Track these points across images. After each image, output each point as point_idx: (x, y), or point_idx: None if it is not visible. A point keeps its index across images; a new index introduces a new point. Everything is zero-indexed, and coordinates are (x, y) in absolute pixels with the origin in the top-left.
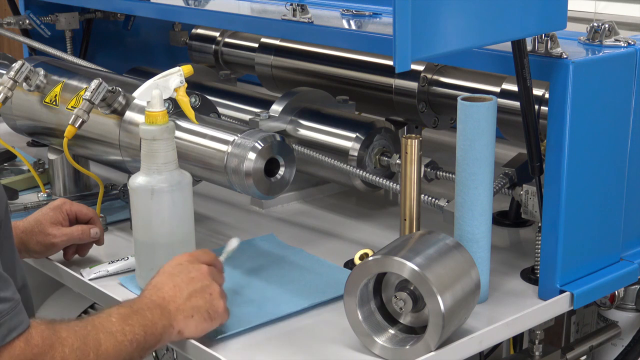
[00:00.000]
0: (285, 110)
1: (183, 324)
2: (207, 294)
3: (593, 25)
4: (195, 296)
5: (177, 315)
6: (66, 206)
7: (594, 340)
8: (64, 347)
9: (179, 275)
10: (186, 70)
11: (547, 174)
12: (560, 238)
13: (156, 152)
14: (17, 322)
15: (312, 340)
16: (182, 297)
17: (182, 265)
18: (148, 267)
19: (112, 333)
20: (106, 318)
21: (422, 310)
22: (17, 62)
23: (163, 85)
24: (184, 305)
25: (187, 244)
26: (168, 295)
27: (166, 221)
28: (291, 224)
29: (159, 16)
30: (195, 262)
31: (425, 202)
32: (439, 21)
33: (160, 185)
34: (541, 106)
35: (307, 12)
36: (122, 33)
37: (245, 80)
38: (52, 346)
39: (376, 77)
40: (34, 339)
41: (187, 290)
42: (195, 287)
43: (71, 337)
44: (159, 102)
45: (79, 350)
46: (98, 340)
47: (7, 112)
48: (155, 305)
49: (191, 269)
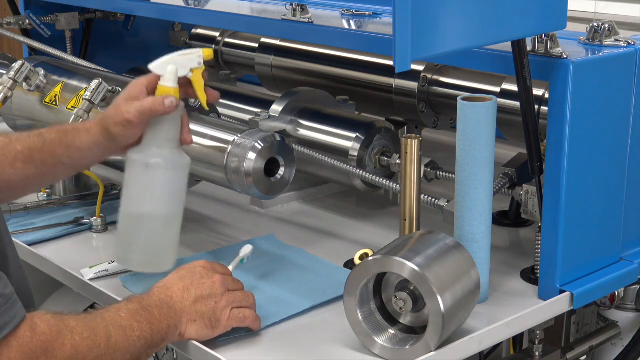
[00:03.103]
0: (285, 110)
1: (185, 326)
2: (212, 302)
3: (593, 25)
4: (201, 302)
5: (182, 316)
6: (141, 79)
7: (594, 340)
8: (74, 334)
9: (190, 278)
10: (206, 54)
11: (547, 174)
12: (560, 238)
13: (160, 126)
14: (11, 316)
15: (312, 340)
16: (188, 300)
17: (195, 270)
18: (128, 241)
19: (122, 327)
20: (115, 313)
21: (422, 310)
22: (17, 62)
23: (180, 62)
24: (189, 308)
25: (171, 224)
26: (176, 295)
27: (155, 197)
28: (291, 224)
29: (159, 16)
30: (210, 270)
31: (425, 202)
32: (439, 21)
33: (156, 160)
34: (541, 106)
35: (307, 12)
36: (122, 33)
37: (245, 80)
38: (60, 333)
39: (376, 77)
40: (39, 328)
41: (194, 294)
42: (203, 292)
43: (80, 326)
44: (172, 78)
45: (89, 340)
46: (108, 332)
47: (7, 112)
48: (163, 304)
49: (203, 274)
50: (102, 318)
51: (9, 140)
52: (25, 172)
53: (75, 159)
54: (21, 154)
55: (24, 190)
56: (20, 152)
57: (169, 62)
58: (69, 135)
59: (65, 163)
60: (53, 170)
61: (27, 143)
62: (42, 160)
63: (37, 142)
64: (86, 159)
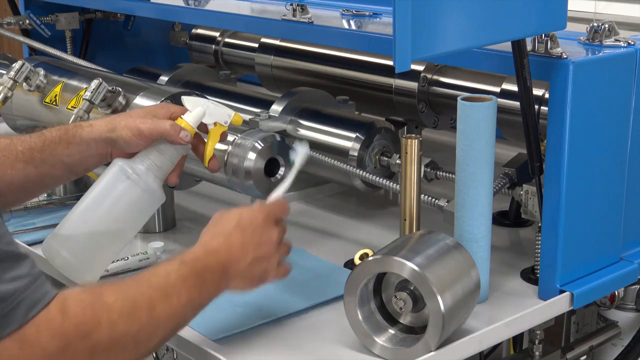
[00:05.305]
0: (285, 110)
1: (234, 285)
2: (265, 263)
3: (593, 25)
4: (256, 263)
5: (235, 278)
6: (170, 105)
7: (594, 340)
8: (111, 312)
9: (251, 235)
10: (236, 117)
11: (547, 174)
12: (560, 238)
13: (159, 153)
14: (40, 296)
15: (312, 340)
16: (245, 262)
17: (257, 222)
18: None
19: (169, 295)
20: (164, 278)
21: (422, 310)
22: (17, 62)
23: (211, 110)
24: (244, 270)
25: (115, 242)
26: (234, 256)
27: (116, 209)
28: (291, 224)
29: (159, 16)
30: (271, 225)
31: (425, 202)
32: (439, 21)
33: (137, 178)
34: (541, 106)
35: (307, 12)
36: (122, 33)
37: (245, 80)
38: (95, 314)
39: (376, 77)
40: (72, 310)
41: (252, 255)
42: (260, 254)
43: (119, 300)
44: (196, 118)
45: (129, 315)
46: (152, 303)
47: (7, 112)
48: (219, 268)
49: (263, 231)
50: (148, 285)
51: (10, 141)
52: (25, 172)
53: (74, 158)
54: (21, 154)
55: (25, 193)
56: (21, 152)
57: (201, 104)
58: (70, 132)
59: (64, 162)
60: (52, 171)
61: (28, 143)
62: (42, 159)
63: (37, 142)
64: (84, 159)
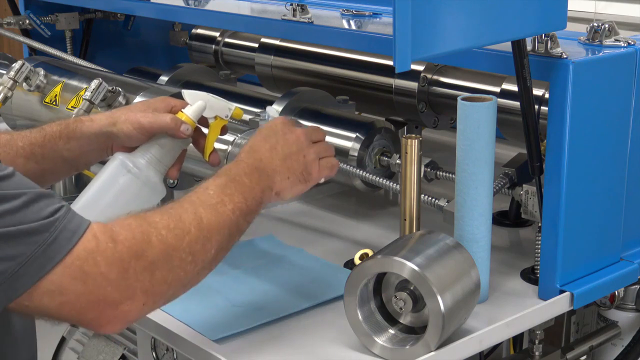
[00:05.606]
0: (285, 110)
1: (280, 185)
2: (301, 156)
3: (593, 25)
4: (290, 158)
5: (275, 176)
6: (170, 99)
7: (594, 340)
8: (159, 229)
9: (274, 137)
10: (236, 112)
11: (547, 174)
12: (560, 238)
13: (160, 147)
14: (79, 221)
15: (312, 340)
16: (278, 159)
17: (276, 127)
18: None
19: (212, 205)
20: (203, 192)
21: (422, 310)
22: (17, 62)
23: (211, 104)
24: (280, 167)
25: None
26: (265, 157)
27: (116, 204)
28: (291, 224)
29: (159, 16)
30: (290, 125)
31: (425, 202)
32: (439, 21)
33: (137, 171)
34: (541, 106)
35: (307, 12)
36: (122, 33)
37: (245, 80)
38: (144, 233)
39: (376, 77)
40: (121, 235)
41: (282, 152)
42: (291, 149)
43: (165, 218)
44: (197, 112)
45: (177, 229)
46: (198, 215)
47: (7, 112)
48: (253, 169)
49: (286, 131)
50: (189, 202)
51: (11, 137)
52: (26, 168)
53: (74, 153)
54: (22, 149)
55: None
56: (22, 147)
57: (201, 98)
58: (70, 127)
59: (65, 157)
60: (53, 166)
61: (29, 139)
62: (43, 155)
63: (38, 137)
64: (85, 154)
